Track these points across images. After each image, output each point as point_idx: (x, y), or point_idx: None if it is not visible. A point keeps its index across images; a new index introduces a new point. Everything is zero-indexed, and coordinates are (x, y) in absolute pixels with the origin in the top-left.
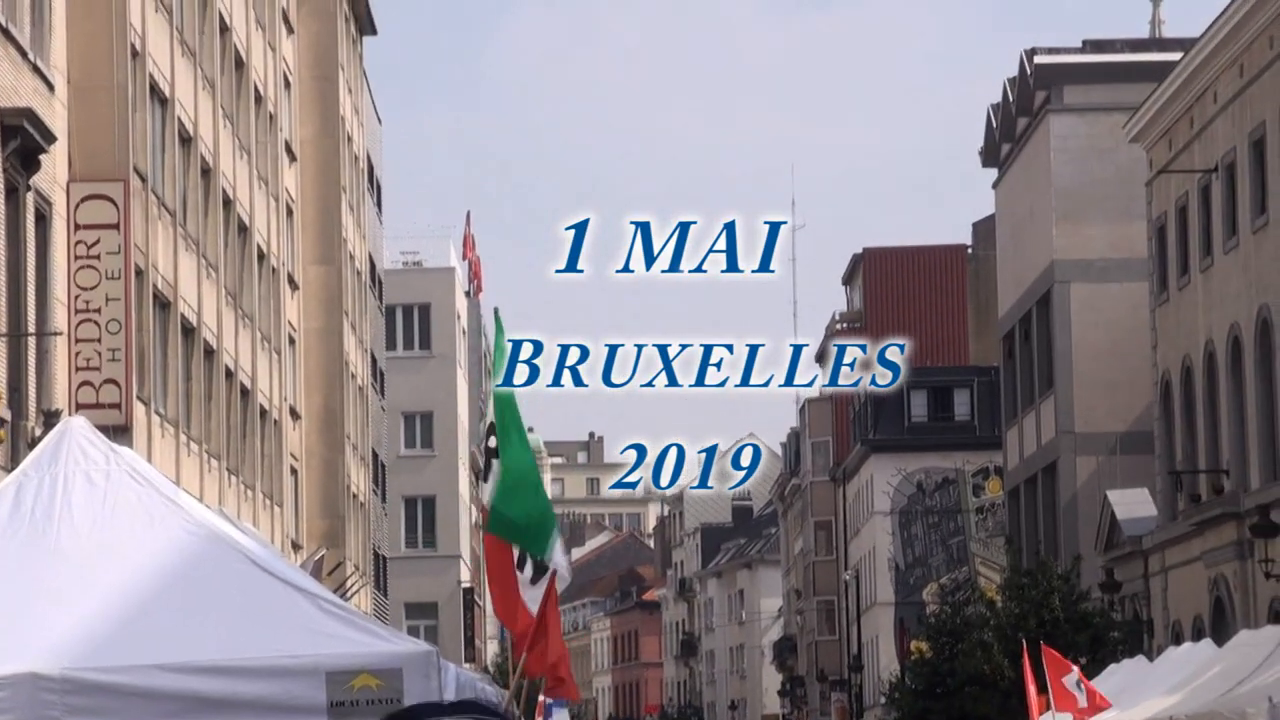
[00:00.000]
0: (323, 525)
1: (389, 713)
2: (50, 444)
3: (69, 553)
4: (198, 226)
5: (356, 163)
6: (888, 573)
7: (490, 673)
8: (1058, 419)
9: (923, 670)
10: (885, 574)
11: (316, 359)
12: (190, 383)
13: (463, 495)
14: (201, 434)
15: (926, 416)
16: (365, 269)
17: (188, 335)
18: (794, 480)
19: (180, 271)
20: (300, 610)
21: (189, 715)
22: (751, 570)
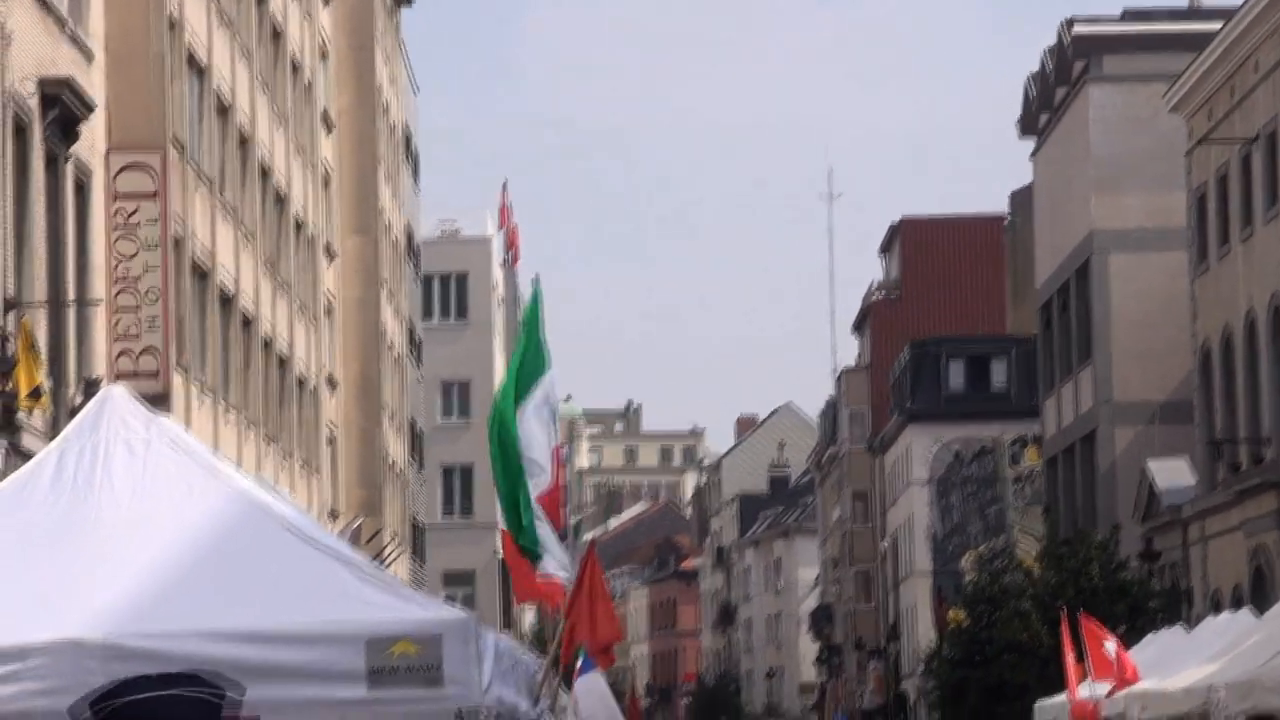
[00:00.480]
0: (360, 494)
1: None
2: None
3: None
4: (235, 196)
5: (393, 132)
6: (925, 541)
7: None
8: (1096, 388)
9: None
10: (922, 543)
11: (354, 328)
12: (228, 351)
13: None
14: (239, 402)
15: (964, 386)
16: (402, 238)
17: (226, 304)
18: (831, 449)
19: (218, 241)
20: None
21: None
22: (789, 539)
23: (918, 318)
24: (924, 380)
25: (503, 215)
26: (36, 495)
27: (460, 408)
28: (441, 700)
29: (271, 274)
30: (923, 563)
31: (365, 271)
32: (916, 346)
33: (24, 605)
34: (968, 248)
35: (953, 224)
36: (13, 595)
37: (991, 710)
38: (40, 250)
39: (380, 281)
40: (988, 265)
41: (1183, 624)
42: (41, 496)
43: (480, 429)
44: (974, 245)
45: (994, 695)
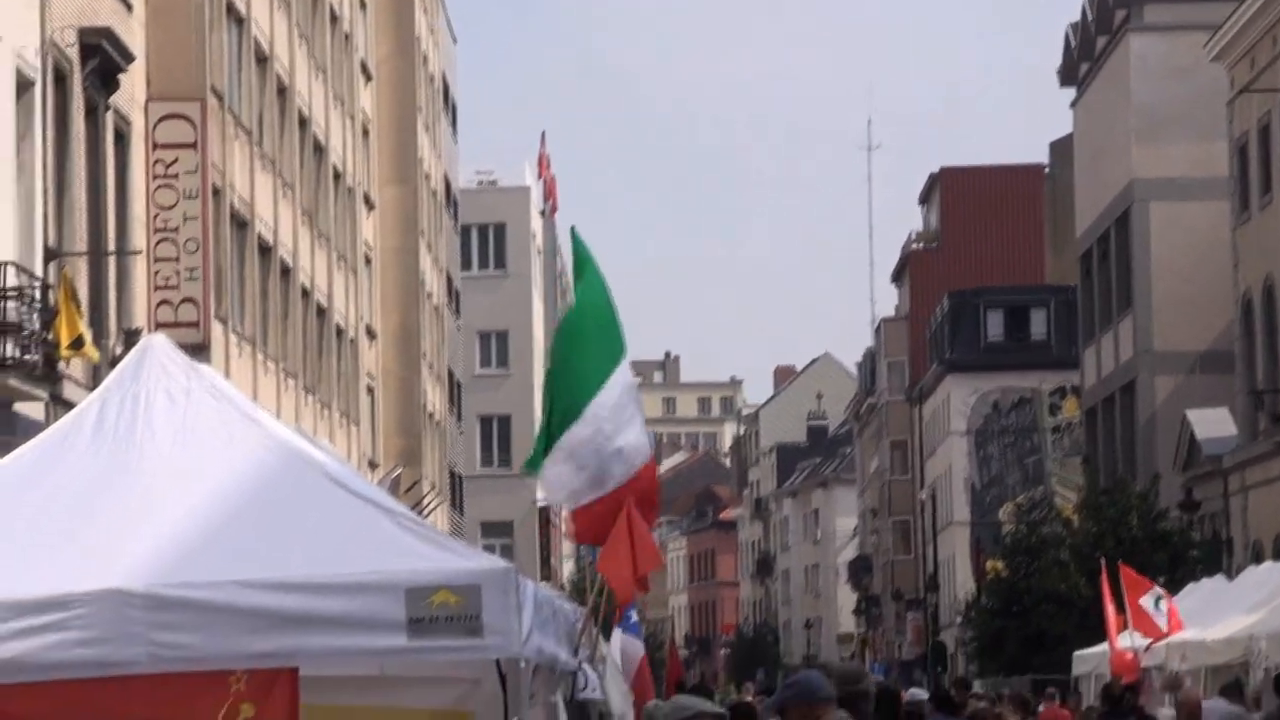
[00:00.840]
0: (399, 444)
1: None
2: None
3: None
4: (274, 146)
5: (432, 82)
6: (963, 492)
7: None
8: (1136, 338)
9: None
10: (961, 493)
11: (392, 278)
12: (267, 302)
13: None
14: (278, 352)
15: (1003, 336)
16: (440, 188)
17: (264, 254)
18: (870, 400)
19: (257, 191)
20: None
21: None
22: (827, 490)
23: (957, 268)
24: (963, 330)
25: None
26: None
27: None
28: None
29: (310, 224)
30: (961, 513)
31: (404, 221)
32: (955, 296)
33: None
34: (1007, 197)
35: (992, 174)
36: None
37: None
38: (80, 201)
39: (419, 231)
40: (1027, 215)
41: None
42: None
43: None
44: (1013, 195)
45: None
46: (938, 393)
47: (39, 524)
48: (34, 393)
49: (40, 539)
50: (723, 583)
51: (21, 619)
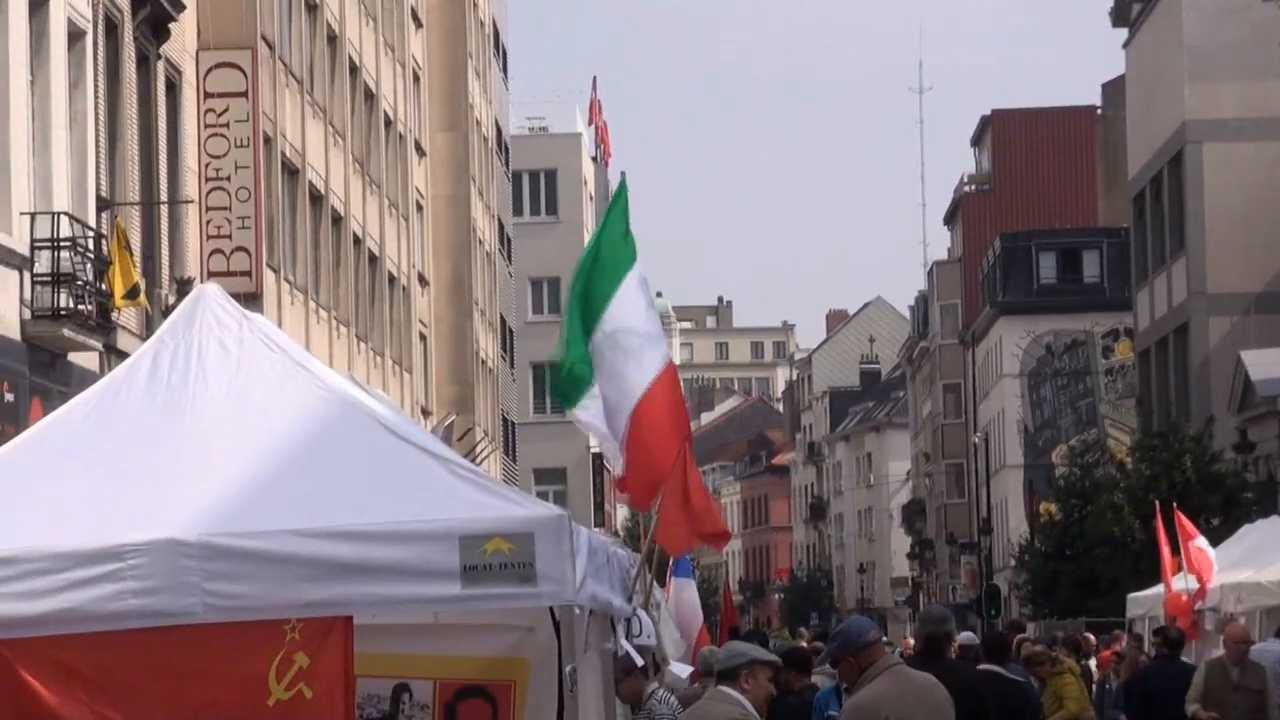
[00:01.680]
0: (452, 391)
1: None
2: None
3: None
4: (325, 94)
5: (482, 28)
6: (1016, 435)
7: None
8: (1190, 280)
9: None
10: (1014, 436)
11: (444, 226)
12: (319, 250)
13: None
14: (330, 301)
15: (1055, 278)
16: (492, 135)
17: (316, 203)
18: (922, 343)
19: (308, 139)
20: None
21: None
22: (880, 434)
23: (1009, 210)
24: (1015, 273)
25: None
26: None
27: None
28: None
29: (361, 172)
30: (1014, 456)
31: (455, 168)
32: (1007, 239)
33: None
34: (1059, 140)
35: (1044, 116)
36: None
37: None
38: (132, 150)
39: (470, 178)
40: (1079, 157)
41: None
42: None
43: None
44: (1065, 137)
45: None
46: (990, 336)
47: (93, 474)
48: (88, 343)
49: (94, 490)
50: (776, 527)
51: (76, 569)
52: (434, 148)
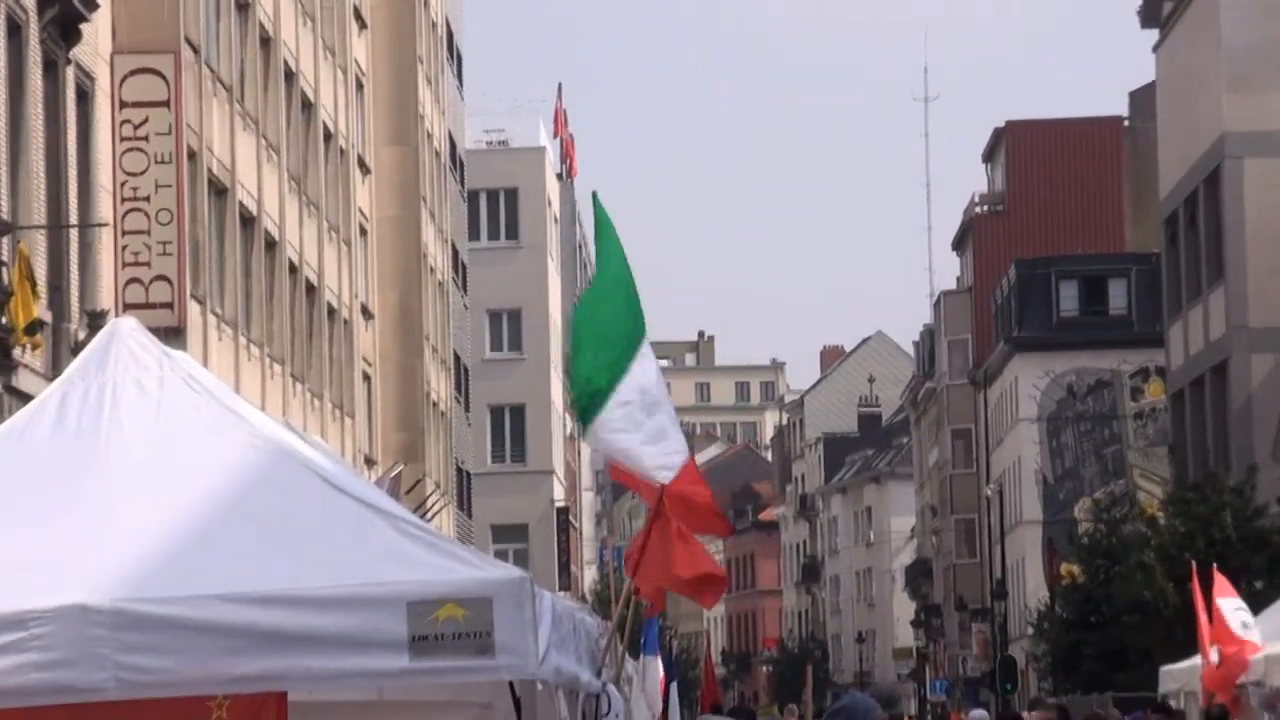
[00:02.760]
0: (399, 438)
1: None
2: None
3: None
4: (257, 103)
5: (434, 30)
6: (1034, 487)
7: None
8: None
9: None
10: (1032, 488)
11: (391, 251)
12: (250, 279)
13: (555, 403)
14: (263, 336)
15: (1078, 310)
16: (445, 149)
17: (247, 225)
18: (928, 383)
19: (238, 154)
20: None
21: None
22: (880, 485)
23: (1025, 233)
24: (1033, 304)
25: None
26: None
27: (511, 340)
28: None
29: (298, 191)
30: (1032, 511)
31: (403, 187)
32: (1024, 266)
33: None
34: (1081, 154)
35: (1064, 127)
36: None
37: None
38: (38, 167)
39: (420, 198)
40: (1104, 174)
41: None
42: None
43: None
44: (1089, 151)
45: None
46: (1005, 375)
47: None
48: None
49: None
50: (764, 591)
51: None
52: (379, 164)
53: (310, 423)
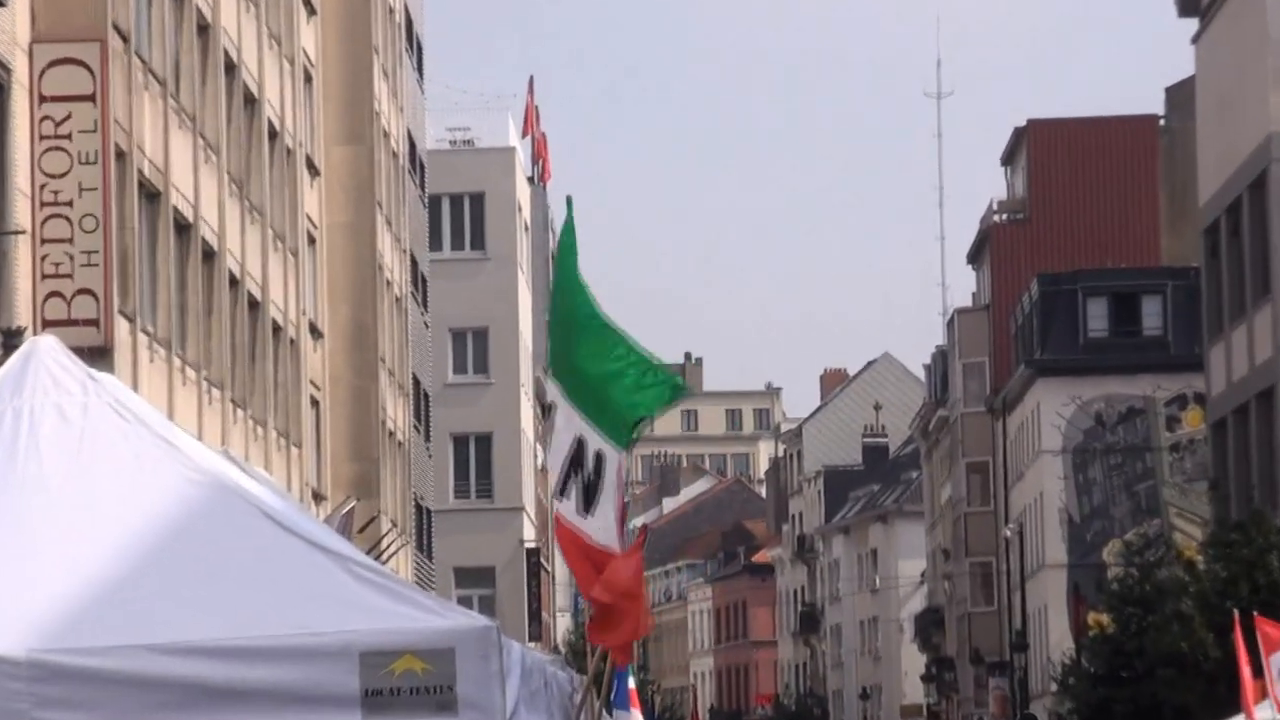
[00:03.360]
0: (352, 470)
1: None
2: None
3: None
4: (194, 98)
5: (391, 17)
6: (1059, 527)
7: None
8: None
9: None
10: (1056, 528)
11: (342, 262)
12: (185, 293)
13: (525, 432)
14: (200, 357)
15: (1107, 330)
16: (403, 149)
17: (182, 234)
18: (941, 411)
19: (172, 154)
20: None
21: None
22: (887, 525)
23: (1049, 244)
24: (1057, 323)
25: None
26: None
27: (476, 362)
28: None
29: (239, 195)
30: (1056, 554)
31: (357, 191)
32: (1047, 281)
33: None
34: (1112, 157)
35: (1093, 127)
36: None
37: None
38: None
39: (376, 203)
40: (1137, 178)
41: None
42: None
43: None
44: (1120, 153)
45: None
46: (1026, 402)
47: None
48: None
49: None
50: (757, 642)
51: None
52: (330, 165)
53: (253, 453)
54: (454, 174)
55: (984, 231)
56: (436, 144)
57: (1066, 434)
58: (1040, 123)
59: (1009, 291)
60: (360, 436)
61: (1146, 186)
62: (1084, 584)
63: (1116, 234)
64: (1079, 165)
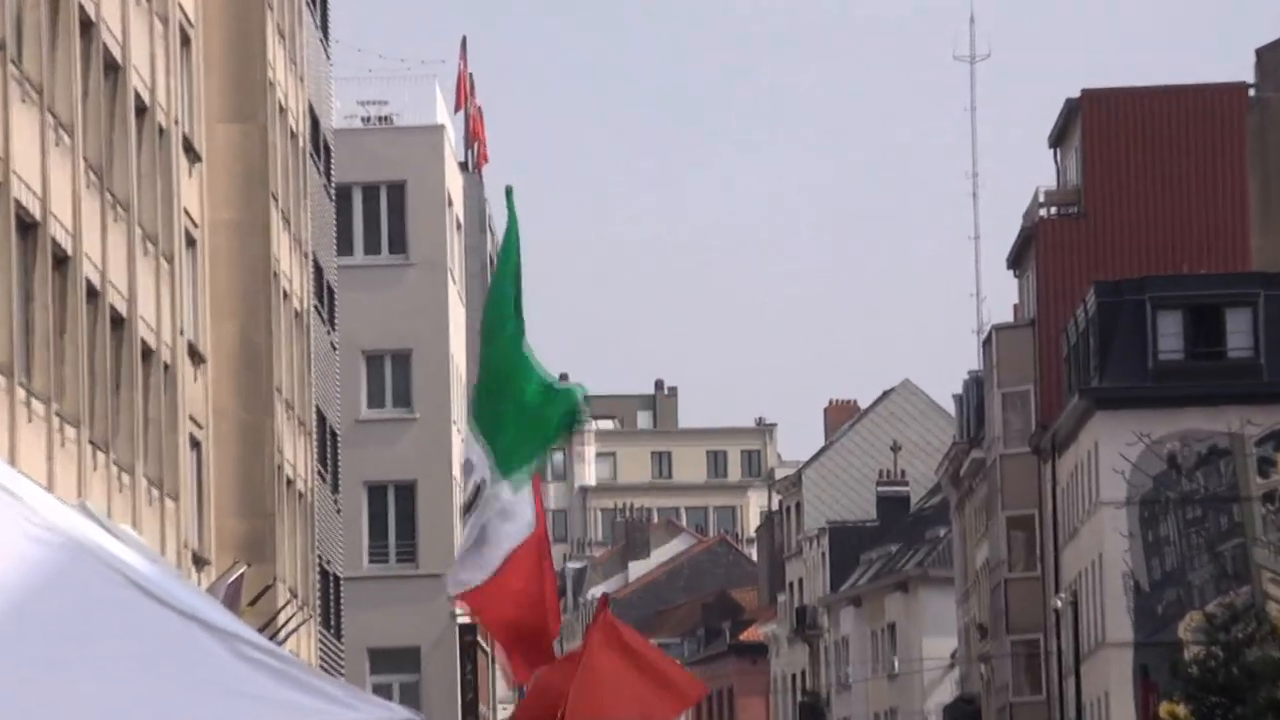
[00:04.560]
0: (241, 528)
1: None
2: None
3: None
4: (40, 65)
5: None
6: (1123, 596)
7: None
8: None
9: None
10: (1119, 598)
11: (229, 269)
12: (31, 308)
13: (458, 480)
14: (49, 387)
15: (1183, 352)
16: (304, 128)
17: (26, 233)
18: (975, 453)
19: (14, 134)
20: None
21: None
22: (909, 594)
23: (1109, 245)
24: (1120, 343)
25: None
26: None
27: (397, 393)
28: None
29: (99, 186)
30: (1119, 630)
31: (247, 181)
32: (1107, 290)
33: None
34: (1188, 135)
35: (1163, 99)
36: None
37: None
38: None
39: (270, 196)
40: (1220, 161)
41: None
42: None
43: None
44: (1198, 132)
45: None
46: (1081, 441)
47: None
48: None
49: None
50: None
51: None
52: (213, 148)
53: (117, 507)
54: (368, 159)
55: (1028, 229)
56: (346, 122)
57: (1132, 481)
58: (1097, 93)
59: (1059, 303)
60: (251, 486)
61: (1232, 171)
62: (1154, 667)
63: (1194, 231)
64: (1146, 146)
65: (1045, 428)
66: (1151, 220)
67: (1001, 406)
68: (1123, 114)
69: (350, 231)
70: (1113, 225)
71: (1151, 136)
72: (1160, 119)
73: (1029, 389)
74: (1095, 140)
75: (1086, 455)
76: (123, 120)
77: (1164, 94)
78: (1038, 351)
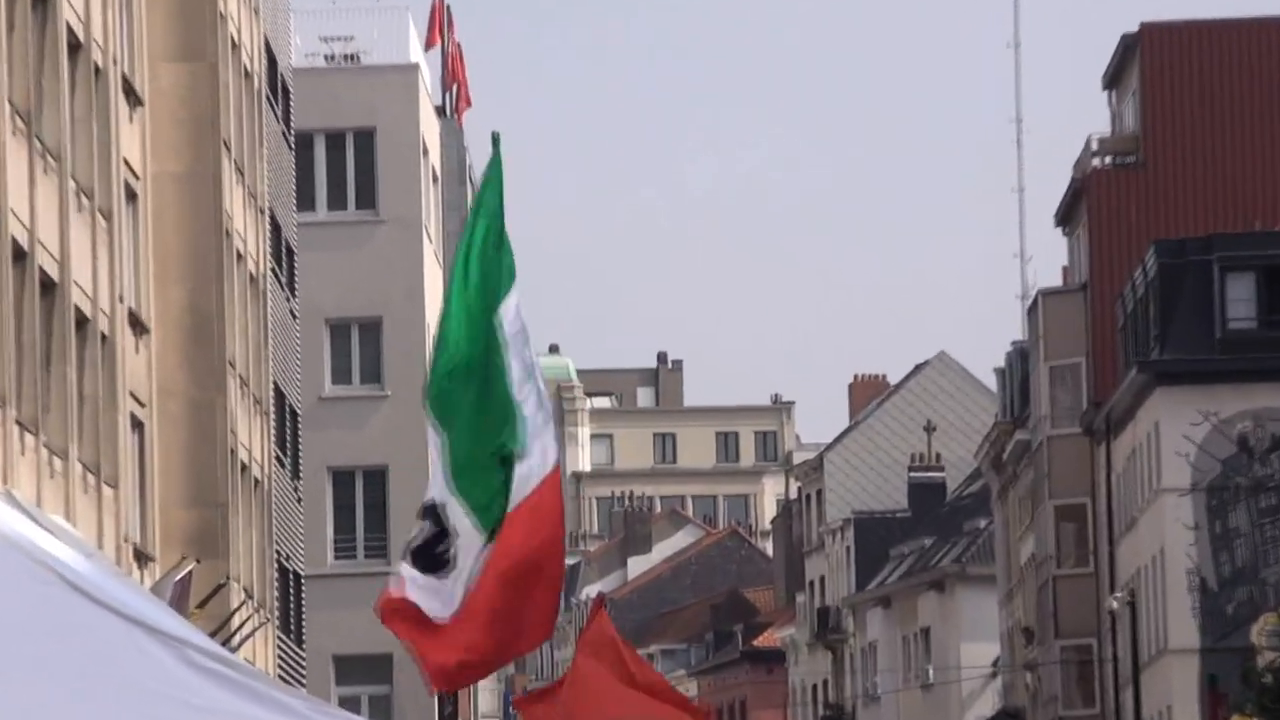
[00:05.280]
0: (189, 520)
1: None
2: None
3: None
4: None
5: None
6: (1187, 596)
7: None
8: None
9: None
10: (1183, 598)
11: (176, 228)
12: None
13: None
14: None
15: (1255, 320)
16: (260, 69)
17: None
18: (1019, 434)
19: None
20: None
21: None
22: (945, 594)
23: (1170, 199)
24: (1183, 310)
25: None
26: None
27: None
28: None
29: (27, 134)
30: (1183, 634)
31: (195, 128)
32: (1169, 250)
33: None
34: (1261, 76)
35: (1232, 32)
36: None
37: None
38: None
39: (222, 144)
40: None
41: None
42: None
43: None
44: (1272, 70)
45: None
46: (1140, 420)
47: None
48: None
49: None
50: None
51: None
52: (157, 91)
53: (47, 495)
54: (332, 103)
55: (1079, 181)
56: (308, 60)
57: (1197, 465)
58: (1158, 27)
59: (1115, 265)
60: (201, 472)
61: None
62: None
63: (1267, 183)
64: (1213, 88)
65: (1099, 406)
66: (1219, 171)
67: (1049, 382)
68: (1186, 51)
69: (312, 185)
70: (1175, 177)
71: (1219, 76)
72: (1229, 56)
73: (1080, 362)
74: (1155, 81)
75: (1146, 437)
76: (53, 58)
77: (1233, 27)
78: (1090, 319)
